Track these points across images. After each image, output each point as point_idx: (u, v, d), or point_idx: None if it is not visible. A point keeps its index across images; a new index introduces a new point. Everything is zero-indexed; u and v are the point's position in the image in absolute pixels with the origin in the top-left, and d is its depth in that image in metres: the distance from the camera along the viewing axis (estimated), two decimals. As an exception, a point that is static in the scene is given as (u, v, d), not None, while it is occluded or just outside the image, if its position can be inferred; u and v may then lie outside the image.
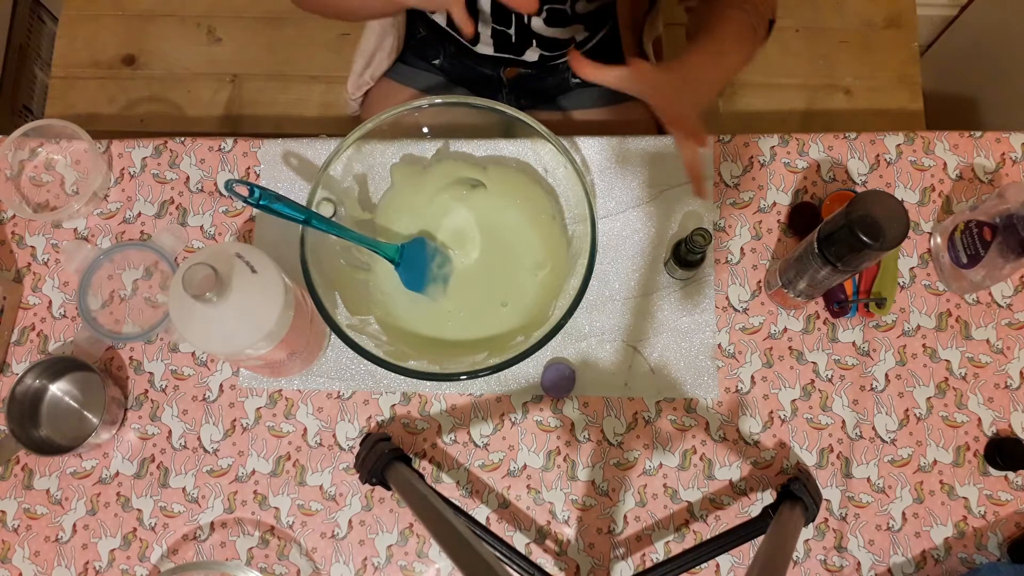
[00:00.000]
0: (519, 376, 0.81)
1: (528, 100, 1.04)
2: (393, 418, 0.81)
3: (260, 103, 1.44)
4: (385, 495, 0.79)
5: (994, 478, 0.78)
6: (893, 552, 0.77)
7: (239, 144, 0.88)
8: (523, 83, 1.01)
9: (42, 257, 0.86)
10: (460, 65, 1.00)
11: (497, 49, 0.92)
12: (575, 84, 1.01)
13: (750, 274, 0.83)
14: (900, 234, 0.61)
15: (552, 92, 1.03)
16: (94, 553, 0.79)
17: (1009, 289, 0.82)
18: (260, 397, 0.82)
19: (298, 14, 1.48)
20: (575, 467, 0.79)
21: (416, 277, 0.76)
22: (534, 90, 1.02)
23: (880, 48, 1.44)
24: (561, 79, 1.00)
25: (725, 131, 0.88)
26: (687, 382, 0.80)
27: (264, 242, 0.85)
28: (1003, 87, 1.39)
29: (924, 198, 0.85)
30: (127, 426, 0.81)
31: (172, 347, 0.83)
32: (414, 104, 0.74)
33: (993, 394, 0.80)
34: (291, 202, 0.67)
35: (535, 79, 1.00)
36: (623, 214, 0.85)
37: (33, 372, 0.79)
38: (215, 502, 0.80)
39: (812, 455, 0.79)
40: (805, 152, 0.86)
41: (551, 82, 1.01)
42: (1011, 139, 0.86)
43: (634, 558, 0.78)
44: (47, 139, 0.89)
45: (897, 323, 0.82)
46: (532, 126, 0.72)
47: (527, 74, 0.98)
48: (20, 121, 1.46)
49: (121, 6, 1.47)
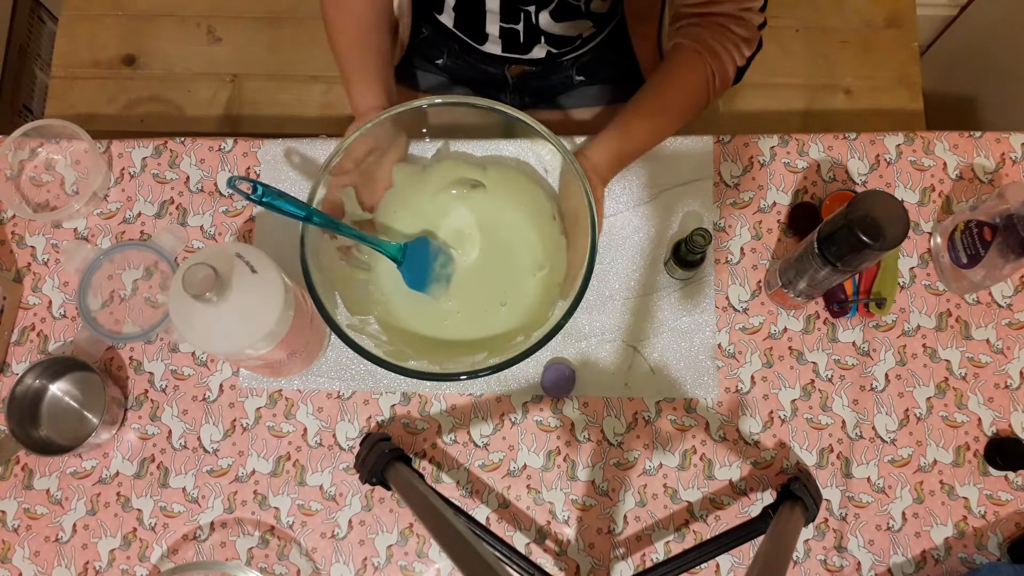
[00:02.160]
0: (519, 376, 0.81)
1: (532, 99, 1.04)
2: (393, 418, 0.81)
3: (260, 103, 1.44)
4: (385, 495, 0.79)
5: (994, 478, 0.78)
6: (893, 552, 0.77)
7: (239, 144, 0.88)
8: (527, 81, 1.01)
9: (42, 257, 0.86)
10: (464, 64, 1.00)
11: (505, 48, 0.93)
12: (578, 82, 1.01)
13: (750, 274, 0.83)
14: (900, 234, 0.61)
15: (556, 90, 1.03)
16: (94, 553, 0.79)
17: (1009, 289, 0.82)
18: (260, 397, 0.82)
19: (298, 14, 1.48)
20: (575, 467, 0.79)
21: (419, 276, 0.76)
22: (538, 88, 1.02)
23: (880, 48, 1.43)
24: (565, 76, 1.00)
25: (725, 131, 0.87)
26: (687, 382, 0.80)
27: (264, 242, 0.85)
28: (1003, 87, 1.38)
29: (924, 198, 0.85)
30: (127, 426, 0.81)
31: (172, 347, 0.83)
32: (414, 104, 0.74)
33: (993, 394, 0.80)
34: (294, 199, 0.67)
35: (539, 77, 1.00)
36: (623, 214, 0.85)
37: (33, 372, 0.79)
38: (215, 502, 0.79)
39: (812, 455, 0.79)
40: (805, 152, 0.86)
41: (555, 79, 1.01)
42: (1011, 139, 0.86)
43: (634, 558, 0.78)
44: (47, 139, 0.89)
45: (897, 323, 0.82)
46: (532, 126, 0.72)
47: (531, 72, 0.98)
48: (20, 121, 1.46)
49: (121, 6, 1.47)
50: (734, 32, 0.76)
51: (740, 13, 0.76)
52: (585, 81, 1.01)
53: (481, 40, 0.92)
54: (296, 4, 1.49)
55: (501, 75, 0.99)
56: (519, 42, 0.91)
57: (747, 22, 0.76)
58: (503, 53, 0.94)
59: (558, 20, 0.87)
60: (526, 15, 0.86)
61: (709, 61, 0.77)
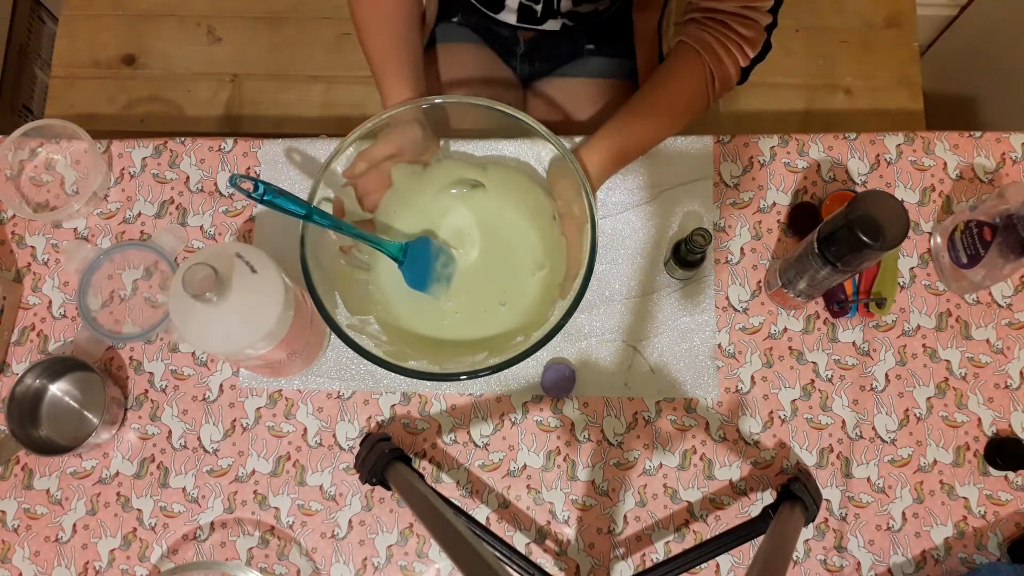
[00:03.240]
0: (519, 376, 0.81)
1: (542, 64, 1.05)
2: (393, 418, 0.81)
3: (260, 103, 1.44)
4: (385, 495, 0.79)
5: (994, 478, 0.78)
6: (893, 552, 0.77)
7: (239, 144, 0.88)
8: (538, 47, 1.02)
9: (42, 257, 0.86)
10: (479, 24, 1.03)
11: (520, 20, 0.94)
12: (588, 51, 1.02)
13: (750, 274, 0.83)
14: (900, 234, 0.61)
15: (565, 58, 1.04)
16: (94, 553, 0.79)
17: (1009, 289, 0.82)
18: (260, 397, 0.82)
19: (298, 14, 1.49)
20: (575, 467, 0.79)
21: (420, 276, 0.76)
22: (548, 55, 1.03)
23: (880, 48, 1.44)
24: (576, 44, 1.02)
25: (725, 131, 0.88)
26: (687, 382, 0.80)
27: (264, 242, 0.85)
28: (1003, 87, 1.39)
29: (924, 198, 0.85)
30: (127, 426, 0.81)
31: (172, 347, 0.83)
32: (414, 104, 0.74)
33: (993, 394, 0.80)
34: (295, 197, 0.67)
35: (551, 44, 1.01)
36: (623, 214, 0.85)
37: (33, 372, 0.79)
38: (215, 502, 0.80)
39: (812, 455, 0.79)
40: (805, 152, 0.86)
41: (566, 47, 1.02)
42: (1011, 139, 0.86)
43: (634, 558, 0.78)
44: (47, 139, 0.89)
45: (897, 323, 0.82)
46: (532, 126, 0.72)
47: (544, 39, 1.00)
48: (20, 121, 1.46)
49: (121, 6, 1.48)
50: (738, 32, 0.76)
51: (745, 12, 0.75)
52: (595, 51, 1.02)
53: (497, 8, 0.93)
54: (296, 4, 1.49)
55: (514, 38, 1.02)
56: (535, 17, 0.92)
57: (753, 22, 0.76)
58: (517, 23, 0.95)
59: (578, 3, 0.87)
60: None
61: (708, 62, 0.77)
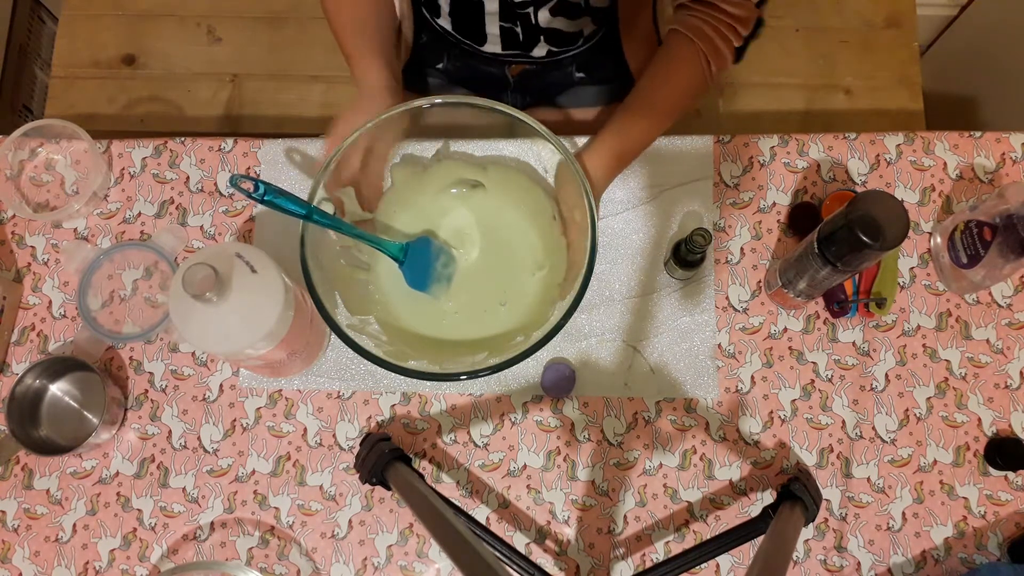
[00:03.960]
0: (519, 376, 0.81)
1: (533, 98, 1.04)
2: (393, 418, 0.81)
3: (260, 103, 1.44)
4: (385, 495, 0.79)
5: (994, 478, 0.78)
6: (893, 552, 0.77)
7: (239, 144, 0.88)
8: (528, 80, 1.01)
9: (42, 257, 0.86)
10: (465, 67, 1.00)
11: (505, 47, 0.93)
12: (578, 79, 1.01)
13: (750, 274, 0.83)
14: (900, 234, 0.61)
15: (556, 89, 1.03)
16: (94, 553, 0.79)
17: (1009, 289, 0.82)
18: (260, 397, 0.82)
19: (298, 14, 1.48)
20: (575, 467, 0.79)
21: (420, 276, 0.76)
22: (539, 87, 1.03)
23: (880, 48, 1.44)
24: (565, 74, 1.00)
25: (725, 131, 0.88)
26: (687, 382, 0.80)
27: (264, 242, 0.85)
28: (1003, 87, 1.39)
29: (924, 198, 0.85)
30: (127, 426, 0.81)
31: (172, 347, 0.83)
32: (414, 104, 0.74)
33: (993, 394, 0.80)
34: (295, 197, 0.67)
35: (540, 75, 1.00)
36: (623, 214, 0.85)
37: (33, 372, 0.79)
38: (215, 502, 0.80)
39: (812, 455, 0.79)
40: (805, 152, 0.86)
41: (556, 77, 1.01)
42: (1011, 139, 0.86)
43: (634, 558, 0.78)
44: (47, 139, 0.89)
45: (897, 323, 0.82)
46: (532, 126, 0.72)
47: (532, 70, 0.99)
48: (20, 121, 1.46)
49: (121, 6, 1.47)
50: (728, 12, 0.75)
51: None
52: (585, 79, 1.01)
53: (481, 41, 0.92)
54: (296, 4, 1.49)
55: (502, 75, 1.00)
56: (519, 41, 0.91)
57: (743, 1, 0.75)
58: (504, 51, 0.94)
59: (556, 15, 0.87)
60: (523, 14, 0.86)
61: (703, 48, 0.76)
